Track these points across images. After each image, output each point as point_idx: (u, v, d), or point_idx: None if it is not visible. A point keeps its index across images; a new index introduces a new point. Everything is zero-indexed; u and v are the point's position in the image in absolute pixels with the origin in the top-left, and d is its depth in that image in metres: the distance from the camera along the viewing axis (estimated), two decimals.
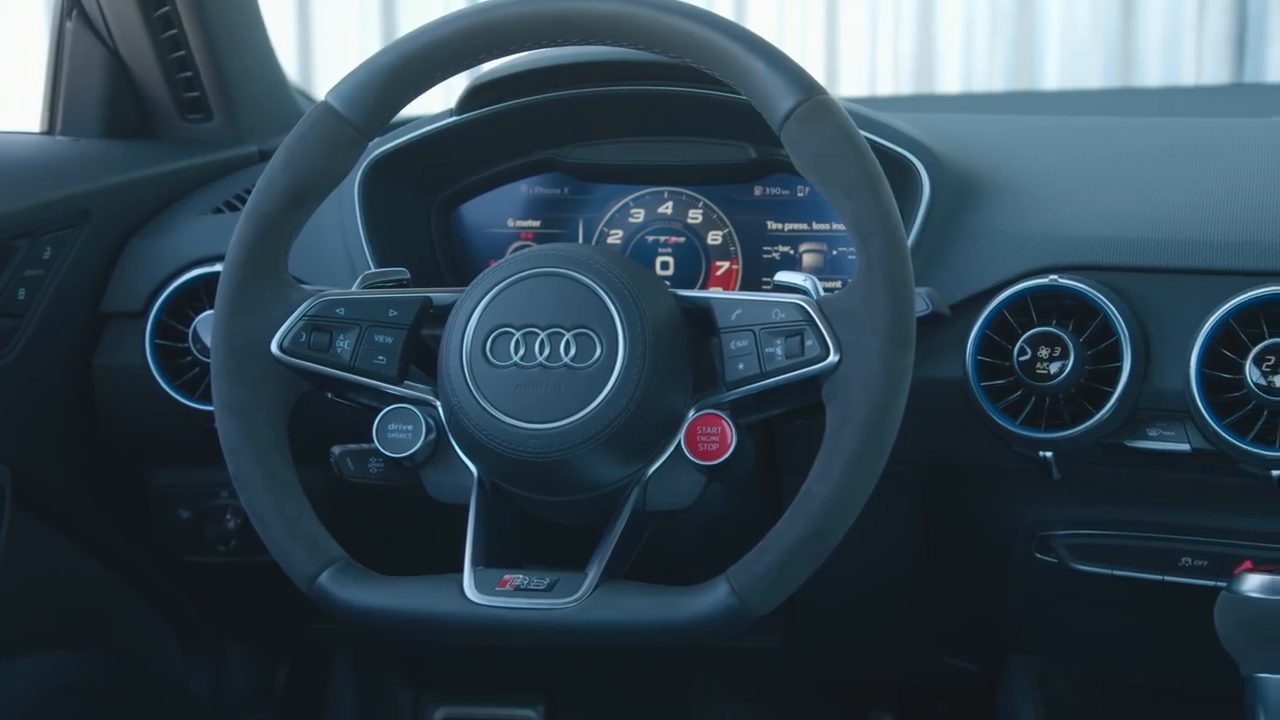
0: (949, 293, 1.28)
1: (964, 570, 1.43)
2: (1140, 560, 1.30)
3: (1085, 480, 1.27)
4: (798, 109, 1.10)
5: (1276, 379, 1.17)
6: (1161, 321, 1.23)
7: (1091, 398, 1.23)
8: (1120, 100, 2.87)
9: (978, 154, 1.38)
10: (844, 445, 1.07)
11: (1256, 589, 1.14)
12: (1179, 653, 1.24)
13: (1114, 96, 3.11)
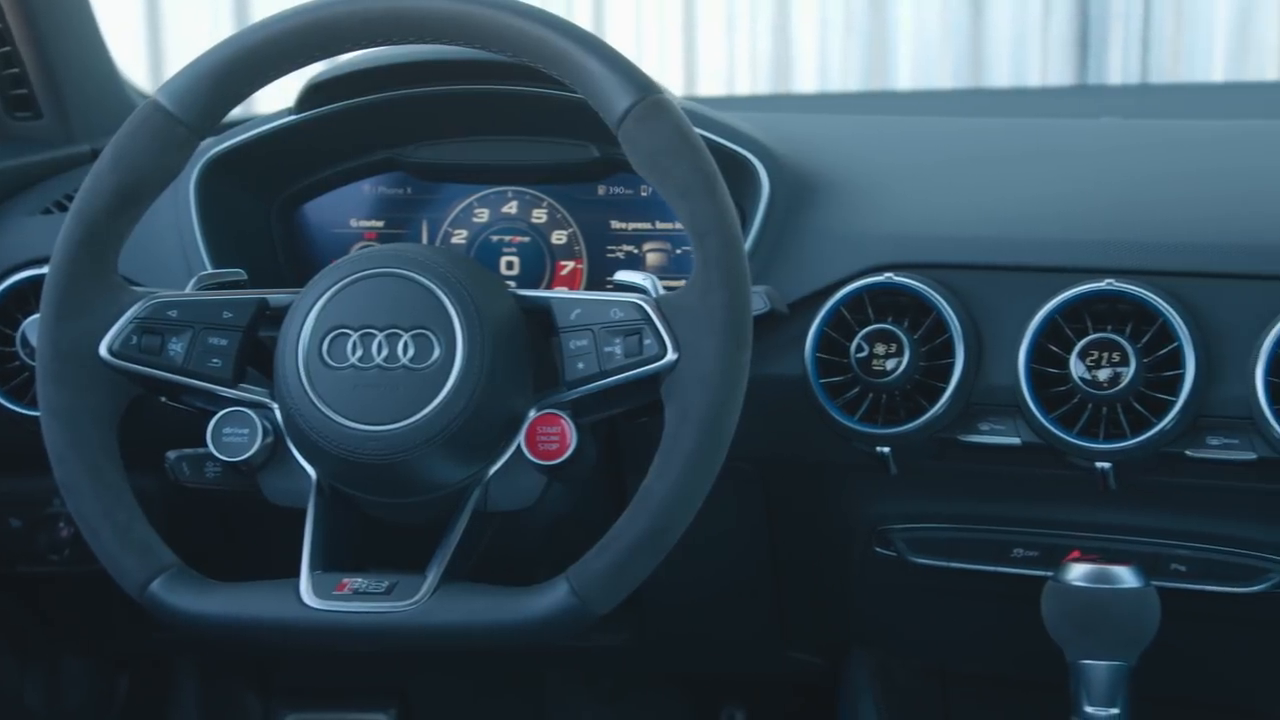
0: (788, 291, 1.30)
1: (807, 565, 1.45)
2: (975, 552, 1.33)
3: (922, 475, 1.30)
4: (634, 108, 1.11)
5: (1101, 373, 1.20)
6: (993, 318, 1.26)
7: (927, 394, 1.25)
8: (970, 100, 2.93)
9: (819, 154, 1.40)
10: (682, 443, 1.08)
11: (1080, 578, 1.17)
12: (1013, 641, 1.27)
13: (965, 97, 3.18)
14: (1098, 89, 3.64)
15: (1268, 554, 1.26)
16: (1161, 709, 1.27)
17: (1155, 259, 1.23)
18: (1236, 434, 1.19)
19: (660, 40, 3.87)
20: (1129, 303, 1.21)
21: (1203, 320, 1.20)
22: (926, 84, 3.86)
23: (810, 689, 1.53)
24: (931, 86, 3.84)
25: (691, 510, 1.09)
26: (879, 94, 3.69)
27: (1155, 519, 1.28)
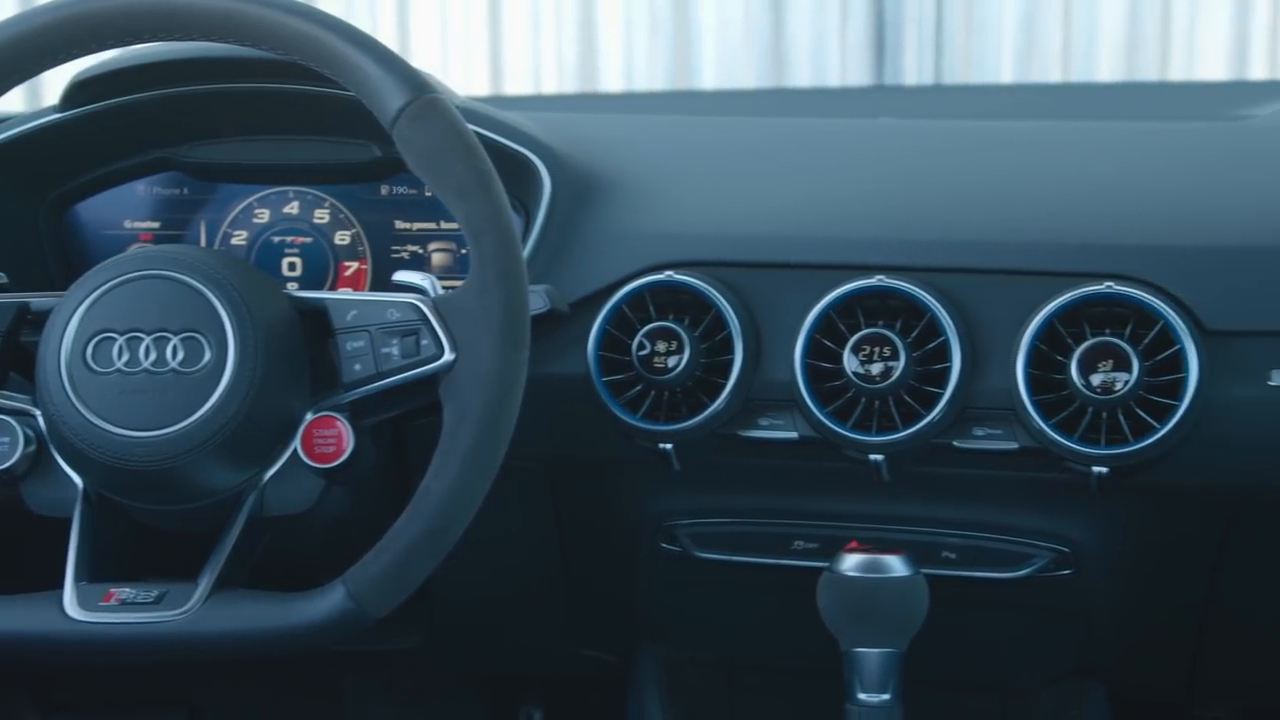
0: (571, 289, 1.30)
1: (595, 562, 1.45)
2: (757, 545, 1.36)
3: (705, 470, 1.32)
4: (408, 108, 1.10)
5: (873, 367, 1.23)
6: (771, 315, 1.28)
7: (708, 390, 1.27)
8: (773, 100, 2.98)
9: (604, 153, 1.41)
10: (460, 443, 1.08)
11: (852, 568, 1.20)
12: (796, 632, 1.29)
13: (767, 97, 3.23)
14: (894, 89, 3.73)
15: (1032, 540, 1.31)
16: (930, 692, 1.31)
17: (924, 256, 1.26)
18: (1000, 425, 1.23)
19: (465, 40, 3.86)
20: (899, 298, 1.24)
21: (969, 315, 1.24)
22: (731, 84, 3.91)
23: (606, 685, 1.54)
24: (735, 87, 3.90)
25: (470, 510, 1.09)
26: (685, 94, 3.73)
27: (927, 509, 1.32)
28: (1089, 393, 1.18)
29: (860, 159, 1.44)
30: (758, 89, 3.80)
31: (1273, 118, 1.58)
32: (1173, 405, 1.18)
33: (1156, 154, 1.41)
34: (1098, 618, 1.36)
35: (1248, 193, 1.30)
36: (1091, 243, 1.24)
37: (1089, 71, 3.75)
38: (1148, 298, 1.19)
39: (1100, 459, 1.19)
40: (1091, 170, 1.38)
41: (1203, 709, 1.48)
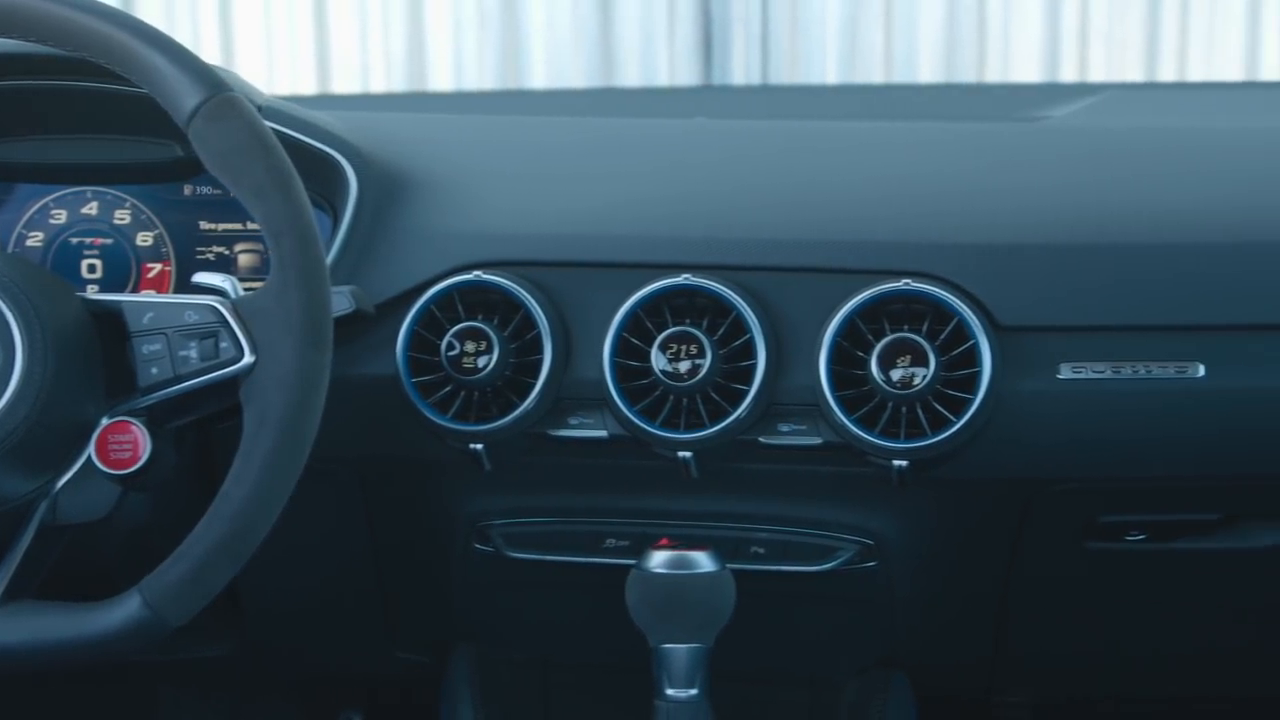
0: (380, 290, 1.29)
1: (409, 564, 1.45)
2: (570, 544, 1.36)
3: (518, 470, 1.32)
4: (203, 107, 1.09)
5: (681, 365, 1.24)
6: (580, 314, 1.29)
7: (518, 390, 1.27)
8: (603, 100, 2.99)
9: (414, 153, 1.40)
10: (260, 446, 1.06)
11: (659, 565, 1.21)
12: (610, 630, 1.30)
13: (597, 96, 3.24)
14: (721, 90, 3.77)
15: (837, 533, 1.34)
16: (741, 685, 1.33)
17: (729, 255, 1.28)
18: (804, 420, 1.25)
19: (291, 38, 3.79)
20: (706, 297, 1.26)
21: (774, 313, 1.26)
22: (561, 83, 3.91)
23: (427, 687, 1.53)
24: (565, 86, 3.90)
25: (271, 514, 1.07)
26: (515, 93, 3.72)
27: (737, 504, 1.34)
28: (888, 388, 1.21)
29: (672, 159, 1.45)
30: (588, 88, 3.81)
31: (1066, 119, 1.64)
32: (968, 399, 1.21)
33: (955, 154, 1.45)
34: (901, 608, 1.39)
35: (1040, 192, 1.34)
36: (890, 241, 1.27)
37: (910, 73, 3.83)
38: (943, 294, 1.23)
39: (900, 452, 1.22)
40: (893, 170, 1.41)
41: (1002, 697, 1.53)
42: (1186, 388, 1.23)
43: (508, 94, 3.57)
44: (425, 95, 3.66)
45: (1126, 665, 1.48)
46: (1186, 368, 1.23)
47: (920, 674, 1.45)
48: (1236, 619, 1.43)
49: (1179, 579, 1.39)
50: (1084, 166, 1.39)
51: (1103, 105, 1.73)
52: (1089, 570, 1.38)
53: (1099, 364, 1.23)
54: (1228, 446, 1.24)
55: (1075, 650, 1.47)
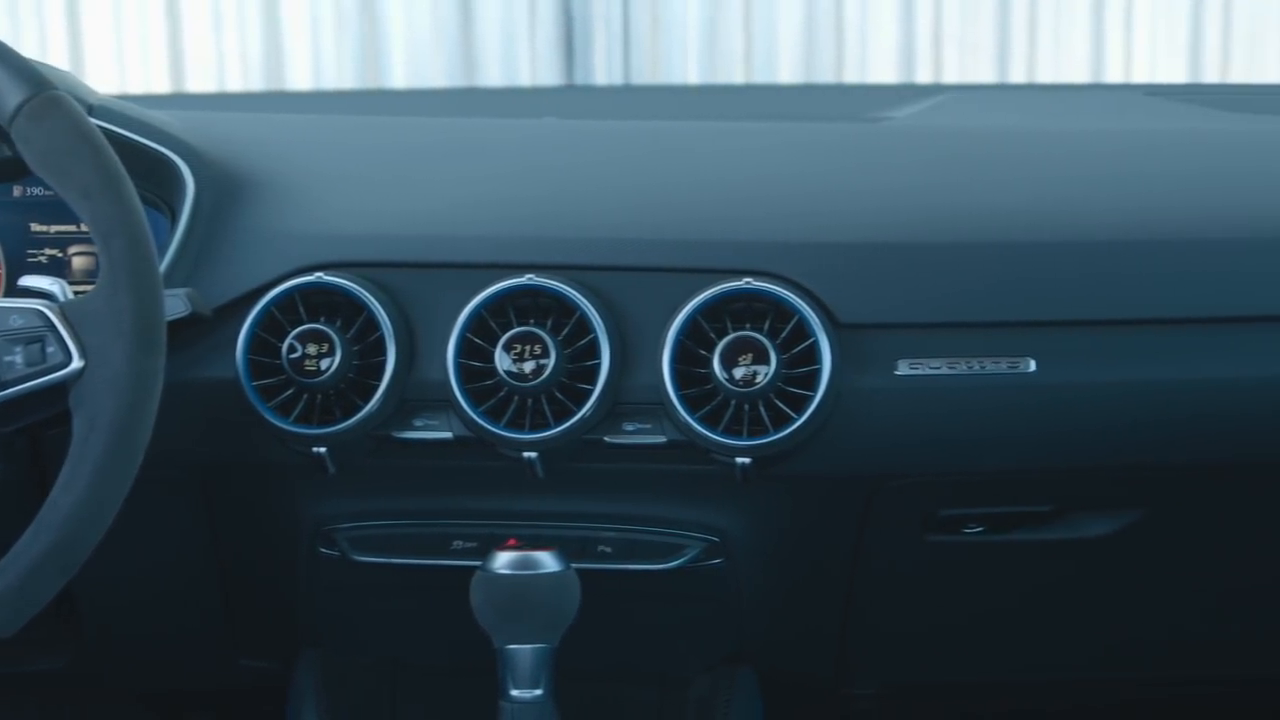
0: (219, 292, 1.27)
1: (253, 569, 1.43)
2: (416, 547, 1.35)
3: (363, 473, 1.31)
4: (25, 105, 1.06)
5: (525, 365, 1.24)
6: (425, 315, 1.28)
7: (361, 392, 1.26)
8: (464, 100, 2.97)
9: (255, 152, 1.38)
10: (90, 452, 1.04)
11: (503, 566, 1.21)
12: (458, 632, 1.29)
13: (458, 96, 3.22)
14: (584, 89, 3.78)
15: (684, 531, 1.34)
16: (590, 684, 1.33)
17: (573, 254, 1.28)
18: (649, 419, 1.26)
19: (142, 35, 3.72)
20: (550, 297, 1.26)
21: (618, 312, 1.26)
22: (421, 83, 3.89)
23: (275, 694, 1.51)
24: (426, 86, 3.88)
25: (102, 522, 1.05)
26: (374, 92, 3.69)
27: (584, 504, 1.34)
28: (731, 386, 1.22)
29: (519, 159, 1.45)
30: (448, 88, 3.79)
31: (908, 120, 1.67)
32: (809, 396, 1.23)
33: (798, 154, 1.47)
34: (749, 604, 1.40)
35: (880, 191, 1.37)
36: (732, 240, 1.28)
37: (770, 74, 3.88)
38: (784, 293, 1.24)
39: (742, 450, 1.23)
40: (739, 170, 1.43)
41: (849, 687, 1.55)
42: (1019, 383, 1.25)
43: (367, 94, 3.54)
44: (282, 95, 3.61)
45: (970, 652, 1.51)
46: (1019, 363, 1.26)
47: (769, 667, 1.47)
48: (1070, 606, 1.46)
49: (1016, 569, 1.43)
50: (923, 166, 1.42)
51: (944, 106, 1.76)
52: (930, 562, 1.40)
53: (935, 360, 1.26)
54: (1059, 440, 1.28)
55: (920, 639, 1.49)
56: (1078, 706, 1.75)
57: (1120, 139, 1.49)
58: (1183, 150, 1.46)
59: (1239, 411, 1.27)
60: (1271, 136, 1.55)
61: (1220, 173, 1.41)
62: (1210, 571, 1.44)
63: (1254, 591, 1.47)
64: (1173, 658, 1.55)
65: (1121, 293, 1.27)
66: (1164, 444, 1.29)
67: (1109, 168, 1.41)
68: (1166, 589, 1.46)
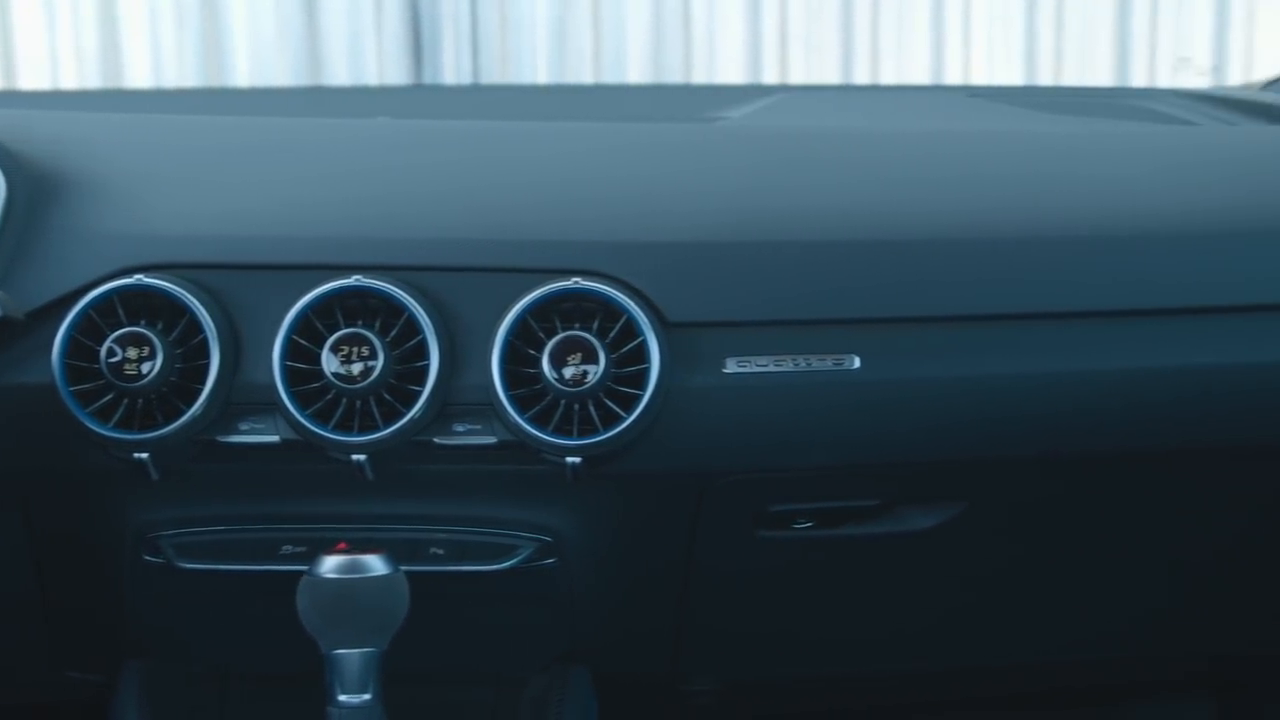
0: (35, 295, 1.24)
1: (75, 579, 1.39)
2: (244, 553, 1.33)
3: (189, 479, 1.28)
4: None
5: (353, 367, 1.22)
6: (251, 317, 1.26)
7: (184, 396, 1.23)
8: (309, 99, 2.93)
9: (74, 152, 1.35)
10: None
11: (330, 570, 1.20)
12: (290, 638, 1.27)
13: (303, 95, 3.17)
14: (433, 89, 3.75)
15: (517, 531, 1.34)
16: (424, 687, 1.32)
17: (400, 255, 1.27)
18: (479, 420, 1.25)
19: None
20: (378, 298, 1.24)
21: (447, 313, 1.26)
22: (266, 82, 3.83)
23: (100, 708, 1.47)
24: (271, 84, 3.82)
25: None
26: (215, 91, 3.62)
27: (415, 506, 1.33)
28: (560, 385, 1.22)
29: (350, 160, 1.43)
30: (293, 87, 3.74)
31: (742, 120, 1.69)
32: (638, 395, 1.23)
33: (633, 154, 1.47)
34: (583, 603, 1.41)
35: (709, 191, 1.37)
36: (561, 240, 1.28)
37: (619, 73, 3.89)
38: (612, 292, 1.24)
39: (573, 449, 1.23)
40: (571, 169, 1.43)
41: (688, 684, 1.56)
42: (843, 379, 1.27)
43: (209, 92, 3.47)
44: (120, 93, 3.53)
45: (804, 646, 1.53)
46: (843, 360, 1.28)
47: (605, 665, 1.47)
48: (899, 598, 1.49)
49: (846, 563, 1.45)
50: (752, 167, 1.43)
51: (776, 107, 1.78)
52: (762, 558, 1.42)
53: (762, 358, 1.27)
54: (883, 435, 1.30)
55: (755, 634, 1.51)
56: (914, 698, 1.78)
57: (942, 140, 1.52)
58: (1001, 151, 1.50)
59: (1056, 406, 1.31)
60: (1086, 138, 1.60)
61: (1037, 173, 1.44)
62: (1031, 561, 1.48)
63: (1074, 580, 1.51)
64: (1001, 646, 1.58)
65: (943, 290, 1.30)
66: (985, 439, 1.32)
67: (930, 168, 1.44)
68: (990, 579, 1.49)
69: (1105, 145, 1.54)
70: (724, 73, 3.87)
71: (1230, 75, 3.82)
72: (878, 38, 3.79)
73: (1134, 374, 1.31)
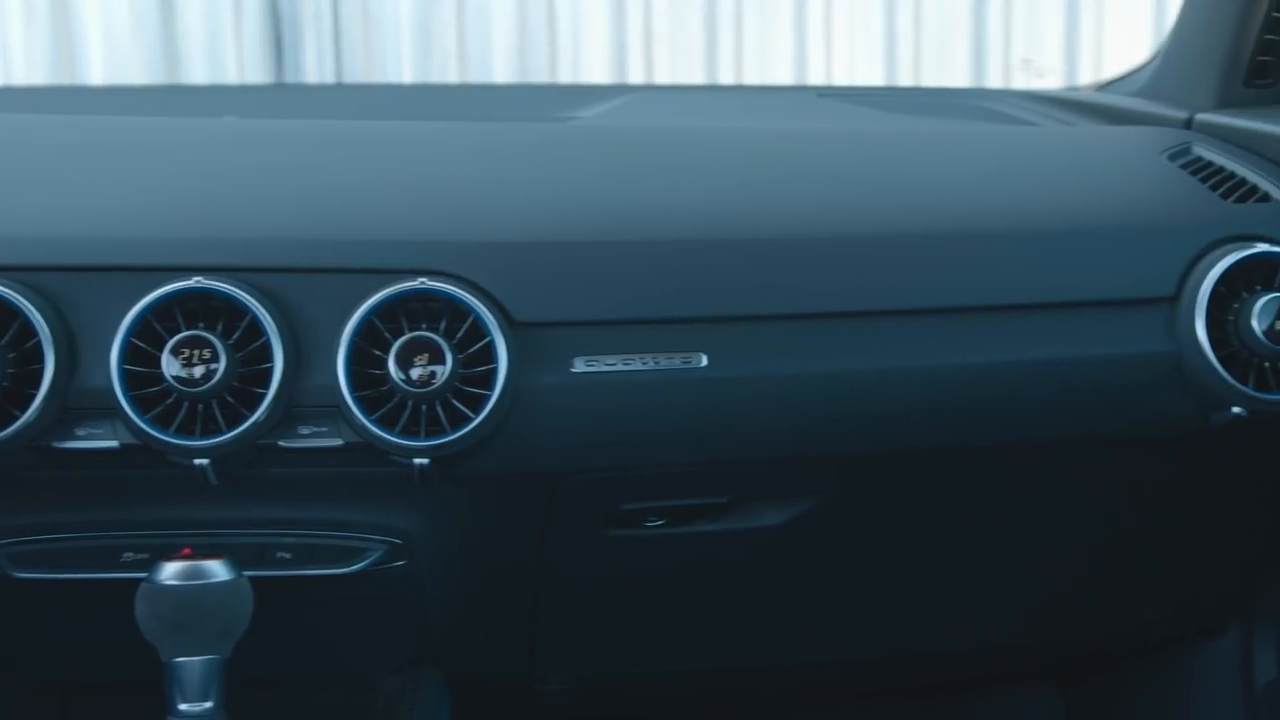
0: None
1: None
2: (83, 561, 1.30)
3: (22, 484, 1.25)
4: None
5: (195, 370, 1.20)
6: (87, 320, 1.22)
7: (17, 400, 1.20)
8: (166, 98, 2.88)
9: None
10: None
11: (170, 577, 1.17)
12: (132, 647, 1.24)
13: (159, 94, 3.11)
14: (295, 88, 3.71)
15: (365, 534, 1.33)
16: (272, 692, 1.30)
17: (243, 256, 1.25)
18: (325, 422, 1.23)
19: None
20: (220, 300, 1.22)
21: (291, 314, 1.24)
22: (121, 80, 3.75)
23: None
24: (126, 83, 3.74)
25: None
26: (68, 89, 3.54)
27: (261, 510, 1.31)
28: (407, 386, 1.21)
29: (194, 159, 1.41)
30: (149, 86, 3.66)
31: (593, 119, 1.69)
32: (486, 395, 1.22)
33: (485, 153, 1.46)
34: (435, 604, 1.40)
35: (557, 190, 1.37)
36: (407, 240, 1.27)
37: (485, 73, 3.88)
38: (458, 292, 1.24)
39: (420, 450, 1.22)
40: (420, 169, 1.41)
41: (544, 684, 1.56)
42: (691, 378, 1.28)
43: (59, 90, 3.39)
44: None
45: (659, 644, 1.54)
46: (691, 358, 1.28)
47: (459, 666, 1.46)
48: (753, 593, 1.50)
49: (699, 560, 1.46)
50: (601, 166, 1.43)
51: (628, 106, 1.79)
52: (615, 556, 1.42)
53: (610, 357, 1.27)
54: (731, 432, 1.31)
55: (609, 633, 1.51)
56: (768, 693, 1.80)
57: (787, 139, 1.54)
58: (846, 150, 1.52)
59: (900, 401, 1.33)
60: (928, 138, 1.62)
61: (880, 172, 1.46)
62: (882, 555, 1.50)
63: (926, 573, 1.53)
64: (855, 641, 1.61)
65: (789, 288, 1.31)
66: (832, 434, 1.33)
67: (776, 168, 1.45)
68: (843, 574, 1.51)
69: (946, 145, 1.57)
70: (589, 72, 3.88)
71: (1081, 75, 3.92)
72: (741, 38, 3.83)
73: (974, 369, 1.33)
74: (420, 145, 1.49)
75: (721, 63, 3.83)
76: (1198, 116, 1.65)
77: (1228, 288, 1.35)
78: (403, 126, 1.56)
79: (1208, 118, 1.63)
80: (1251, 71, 1.63)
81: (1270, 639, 1.67)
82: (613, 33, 3.82)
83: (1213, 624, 1.70)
